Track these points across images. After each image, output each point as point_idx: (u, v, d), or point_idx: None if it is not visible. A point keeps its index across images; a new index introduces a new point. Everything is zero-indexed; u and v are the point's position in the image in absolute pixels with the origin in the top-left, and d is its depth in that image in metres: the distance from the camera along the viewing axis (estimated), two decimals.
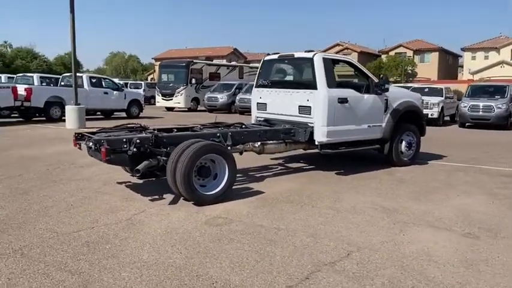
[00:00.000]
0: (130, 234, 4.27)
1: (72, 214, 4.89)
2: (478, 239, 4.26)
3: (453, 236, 4.33)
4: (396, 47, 56.19)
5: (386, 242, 4.14)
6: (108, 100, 18.10)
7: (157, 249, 3.89)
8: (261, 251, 3.89)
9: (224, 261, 3.65)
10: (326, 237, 4.24)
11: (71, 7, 13.23)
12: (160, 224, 4.59)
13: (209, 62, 30.21)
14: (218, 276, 3.35)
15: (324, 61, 6.65)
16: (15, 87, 14.96)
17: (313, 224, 4.63)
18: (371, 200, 5.60)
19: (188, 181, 5.10)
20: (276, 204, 5.34)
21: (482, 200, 5.70)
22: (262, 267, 3.53)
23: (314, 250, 3.92)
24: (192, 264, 3.58)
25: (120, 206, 5.23)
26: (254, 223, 4.64)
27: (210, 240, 4.14)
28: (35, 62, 61.03)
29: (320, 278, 3.36)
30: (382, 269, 3.53)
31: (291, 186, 6.32)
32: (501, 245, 4.10)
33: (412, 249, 3.96)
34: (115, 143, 5.28)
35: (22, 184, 6.25)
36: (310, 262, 3.64)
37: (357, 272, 3.47)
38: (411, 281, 3.32)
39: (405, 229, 4.52)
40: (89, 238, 4.15)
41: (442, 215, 5.02)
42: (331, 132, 6.64)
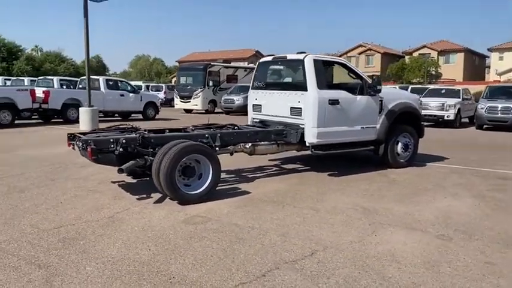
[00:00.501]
0: (107, 231, 4.41)
1: (59, 211, 5.08)
2: (450, 240, 4.24)
3: (425, 238, 4.31)
4: (420, 48, 55.35)
5: (354, 242, 4.16)
6: (124, 102, 18.51)
7: (128, 246, 4.02)
8: (228, 249, 3.97)
9: (188, 258, 3.75)
10: (296, 237, 4.29)
11: (85, 12, 13.63)
12: (139, 221, 4.73)
13: (226, 65, 30.45)
14: (177, 272, 3.45)
15: (315, 63, 6.68)
16: (33, 90, 15.48)
17: (288, 224, 4.68)
18: (354, 201, 5.60)
19: (171, 180, 5.23)
20: (258, 204, 5.41)
21: (468, 202, 5.63)
22: (223, 264, 3.61)
23: (280, 249, 3.97)
24: (156, 260, 3.70)
25: (107, 204, 5.40)
26: (230, 222, 4.73)
27: (182, 238, 4.25)
28: (63, 66, 62.71)
29: (276, 275, 3.42)
30: (341, 268, 3.56)
31: (280, 186, 6.38)
32: (471, 247, 4.07)
33: (378, 250, 3.97)
34: (102, 143, 5.46)
35: (21, 182, 6.50)
36: (272, 260, 3.70)
37: (315, 270, 3.51)
38: (366, 280, 3.35)
39: (379, 230, 4.53)
40: (67, 234, 4.32)
41: (421, 216, 4.99)
42: (321, 133, 6.67)
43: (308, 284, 3.27)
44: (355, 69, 7.33)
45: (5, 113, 14.56)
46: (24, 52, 60.24)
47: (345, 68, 7.31)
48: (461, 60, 52.94)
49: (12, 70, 53.45)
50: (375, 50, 58.59)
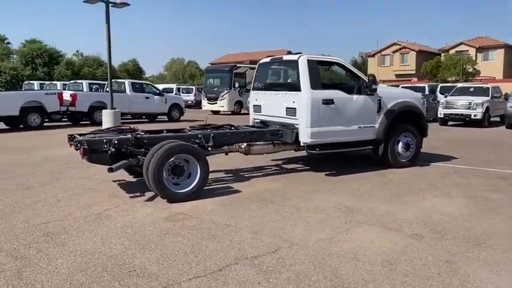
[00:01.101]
0: (90, 227, 4.65)
1: (53, 208, 5.37)
2: (421, 240, 4.22)
3: (396, 237, 4.31)
4: (457, 45, 53.66)
5: (323, 240, 4.22)
6: (149, 104, 19.03)
7: (104, 241, 4.23)
8: (197, 245, 4.12)
9: (156, 253, 3.92)
10: (267, 234, 4.39)
11: (107, 18, 14.12)
12: (123, 218, 4.95)
13: (252, 66, 30.61)
14: (140, 266, 3.63)
15: (309, 63, 6.73)
16: (60, 94, 16.20)
17: (265, 222, 4.78)
18: (340, 200, 5.63)
19: (158, 179, 5.44)
20: (243, 203, 5.53)
21: (458, 202, 5.55)
22: (185, 259, 3.76)
23: (247, 245, 4.08)
24: (125, 254, 3.89)
25: (100, 201, 5.67)
26: (209, 220, 4.87)
27: (157, 234, 4.43)
28: (101, 70, 64.75)
29: (232, 270, 3.54)
30: (298, 264, 3.64)
31: (273, 186, 6.47)
32: (439, 246, 4.05)
33: (343, 248, 4.01)
34: (96, 144, 5.74)
35: (30, 181, 6.89)
36: (234, 256, 3.82)
37: (271, 266, 3.61)
38: (317, 276, 3.41)
39: (353, 228, 4.56)
40: (53, 229, 4.58)
41: (402, 216, 4.97)
42: (315, 133, 6.71)
43: (259, 279, 3.37)
44: (352, 69, 7.32)
45: (34, 115, 15.30)
46: (64, 57, 62.64)
47: (342, 67, 7.32)
48: (501, 56, 50.89)
49: (53, 75, 55.68)
50: (410, 48, 57.26)
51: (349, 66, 7.32)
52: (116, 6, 14.51)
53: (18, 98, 15.22)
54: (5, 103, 14.64)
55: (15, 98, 15.38)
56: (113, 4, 14.39)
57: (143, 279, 3.38)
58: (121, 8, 14.79)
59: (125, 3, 14.62)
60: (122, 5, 14.60)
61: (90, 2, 13.90)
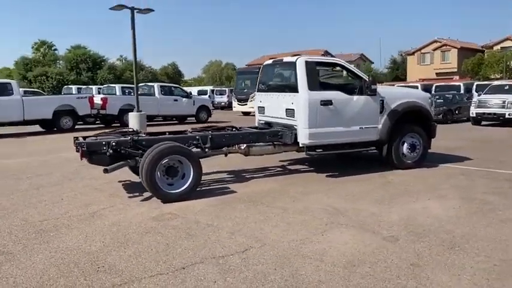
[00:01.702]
0: (80, 225, 4.89)
1: (54, 207, 5.68)
2: (395, 242, 4.18)
3: (371, 238, 4.28)
4: (502, 41, 51.43)
5: (296, 241, 4.26)
6: (177, 107, 19.50)
7: (87, 238, 4.45)
8: (172, 243, 4.26)
9: (130, 250, 4.10)
10: (244, 234, 4.47)
11: (132, 24, 14.61)
12: (114, 217, 5.17)
13: None
14: (111, 262, 3.81)
15: (307, 64, 6.75)
16: (91, 97, 16.90)
17: (247, 222, 4.86)
18: (331, 202, 5.62)
19: (151, 180, 5.64)
20: (233, 204, 5.63)
21: (450, 204, 5.41)
22: (154, 257, 3.91)
23: (219, 245, 4.19)
24: (101, 251, 4.08)
25: (100, 201, 5.93)
26: (193, 220, 5.01)
27: (139, 232, 4.61)
28: (141, 73, 66.71)
29: (195, 269, 3.65)
30: (261, 264, 3.70)
31: (269, 186, 6.54)
32: (410, 248, 3.99)
33: (313, 249, 4.04)
34: (95, 146, 6.01)
35: (43, 181, 7.28)
36: (203, 255, 3.93)
37: (234, 265, 3.69)
38: (275, 276, 3.47)
39: (331, 230, 4.56)
40: (46, 227, 4.86)
41: (386, 218, 4.92)
42: (313, 134, 6.72)
43: (217, 278, 3.46)
44: (353, 69, 7.27)
45: (66, 118, 16.03)
46: (107, 62, 64.96)
47: (342, 68, 7.28)
48: None
49: (96, 79, 57.86)
50: (451, 45, 55.42)
51: (349, 67, 7.27)
52: (141, 12, 14.97)
53: (51, 102, 16.02)
54: (38, 107, 15.44)
55: (48, 102, 16.19)
56: (138, 10, 14.84)
57: (108, 275, 3.55)
58: (146, 14, 15.22)
59: (150, 9, 15.07)
60: (147, 10, 15.07)
61: (116, 9, 14.39)
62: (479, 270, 3.48)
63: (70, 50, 65.40)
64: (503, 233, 4.34)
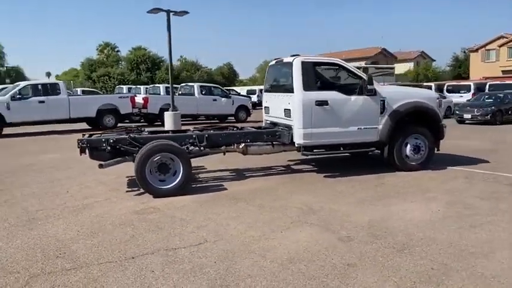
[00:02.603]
0: (68, 216, 5.30)
1: (57, 198, 6.16)
2: (347, 242, 4.19)
3: (326, 238, 4.32)
4: None
5: (251, 237, 4.39)
6: (216, 106, 19.98)
7: (66, 228, 4.83)
8: (137, 235, 4.54)
9: (97, 239, 4.42)
10: (207, 229, 4.66)
11: (168, 26, 15.20)
12: (102, 209, 5.54)
13: None
14: (73, 250, 4.14)
15: (303, 65, 6.80)
16: (133, 97, 17.76)
17: (218, 218, 5.04)
18: (311, 201, 5.66)
19: (141, 176, 5.97)
20: (217, 201, 5.82)
21: (431, 208, 5.27)
22: (115, 247, 4.20)
23: (178, 238, 4.41)
24: (71, 239, 4.44)
25: (99, 194, 6.36)
26: (170, 214, 5.26)
27: (115, 224, 4.93)
28: (197, 73, 68.54)
29: (143, 259, 3.89)
30: (204, 257, 3.88)
31: (262, 185, 6.67)
32: (358, 249, 4.00)
33: (263, 245, 4.16)
34: (95, 143, 6.45)
35: (61, 175, 7.86)
36: (158, 247, 4.17)
37: (180, 257, 3.90)
38: (210, 268, 3.64)
39: (293, 228, 4.64)
40: (38, 216, 5.30)
41: (357, 219, 4.91)
42: (308, 134, 6.76)
43: (157, 268, 3.68)
44: (352, 69, 7.19)
45: (109, 117, 16.96)
46: (165, 62, 67.39)
47: (341, 68, 7.23)
48: None
49: (155, 79, 60.22)
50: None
51: (348, 67, 7.20)
52: (177, 14, 15.53)
53: (94, 102, 17.02)
54: (83, 106, 16.47)
55: (92, 101, 17.21)
56: (174, 13, 15.41)
57: (63, 260, 3.88)
58: (182, 16, 15.76)
59: (185, 12, 15.58)
60: (182, 13, 15.59)
61: (153, 12, 15.03)
62: (411, 273, 3.44)
63: (131, 52, 68.39)
64: (465, 238, 4.21)
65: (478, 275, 3.39)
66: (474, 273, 3.41)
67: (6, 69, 59.06)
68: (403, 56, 70.10)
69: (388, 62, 69.30)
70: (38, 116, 15.46)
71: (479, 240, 4.14)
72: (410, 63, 67.34)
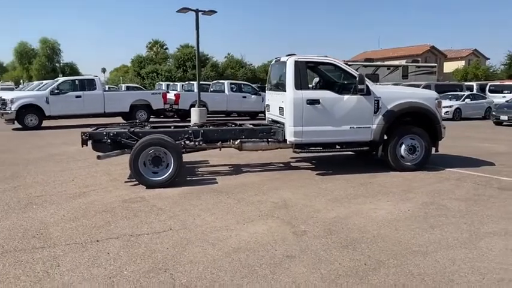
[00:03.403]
0: (63, 202, 5.77)
1: (60, 186, 6.68)
2: (299, 236, 4.36)
3: (283, 231, 4.50)
4: None
5: (213, 227, 4.64)
6: (246, 103, 20.36)
7: (54, 212, 5.25)
8: (112, 221, 4.91)
9: (76, 223, 4.83)
10: (177, 219, 4.95)
11: (196, 25, 15.69)
12: (94, 197, 5.98)
13: (365, 64, 29.84)
14: (50, 231, 4.56)
15: (296, 64, 6.96)
16: (164, 93, 18.46)
17: (193, 209, 5.33)
18: (289, 197, 5.84)
19: (135, 168, 6.38)
20: (202, 193, 6.11)
21: (403, 207, 5.31)
22: (87, 230, 4.59)
23: (147, 225, 4.73)
24: (54, 222, 4.87)
25: (99, 183, 6.83)
26: (152, 204, 5.61)
27: (98, 211, 5.33)
28: (241, 71, 69.38)
29: (106, 242, 4.25)
30: (160, 244, 4.19)
31: (251, 180, 6.90)
32: (304, 243, 4.16)
33: (219, 235, 4.40)
34: (97, 135, 6.94)
35: (75, 165, 8.45)
36: (125, 232, 4.51)
37: (139, 243, 4.22)
38: (160, 253, 3.94)
39: (257, 221, 4.85)
40: (36, 201, 5.80)
41: (322, 215, 5.05)
42: (298, 132, 6.92)
43: (114, 250, 4.02)
44: (347, 68, 7.26)
45: (142, 112, 17.73)
46: (210, 60, 68.70)
47: (335, 67, 7.32)
48: None
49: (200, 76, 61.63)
50: None
51: (343, 67, 7.27)
52: (206, 14, 15.99)
53: (128, 97, 17.86)
54: (117, 101, 17.31)
55: (126, 97, 18.07)
56: (203, 12, 15.88)
57: (37, 240, 4.31)
58: (210, 16, 16.20)
59: (213, 11, 16.01)
60: (210, 12, 16.03)
61: (182, 12, 15.56)
62: (342, 267, 3.58)
63: (179, 49, 70.11)
64: (417, 238, 4.27)
65: (405, 272, 3.48)
66: (402, 271, 3.51)
67: (61, 65, 62.26)
68: (454, 55, 67.65)
69: (437, 60, 67.09)
70: (75, 110, 16.41)
71: (429, 240, 4.19)
72: (461, 62, 64.87)
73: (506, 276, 3.36)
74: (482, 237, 4.24)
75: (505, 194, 5.85)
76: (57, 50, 63.09)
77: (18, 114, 15.63)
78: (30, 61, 60.61)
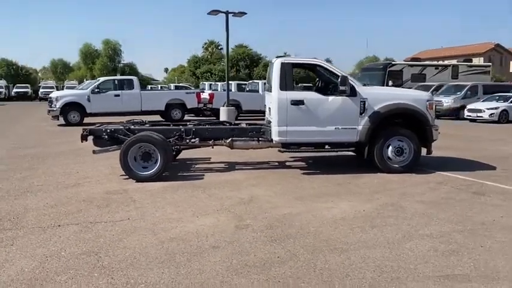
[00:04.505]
0: (55, 191, 6.37)
1: (62, 177, 7.33)
2: (239, 229, 4.60)
3: (225, 224, 4.77)
4: None
5: (167, 219, 4.99)
6: None
7: (39, 201, 5.79)
8: (85, 209, 5.39)
9: (52, 209, 5.36)
10: (141, 210, 5.35)
11: (226, 27, 16.16)
12: (84, 188, 6.53)
13: (412, 63, 28.93)
14: (28, 216, 5.10)
15: (282, 66, 7.16)
16: (199, 93, 19.11)
17: (163, 202, 5.71)
18: (258, 194, 6.07)
19: (124, 162, 6.89)
20: (182, 188, 6.47)
21: (359, 208, 5.37)
22: (58, 216, 5.09)
23: (111, 214, 5.16)
24: (36, 208, 5.42)
25: (97, 176, 7.41)
26: (130, 196, 6.06)
27: (79, 200, 5.85)
28: (295, 70, 69.58)
29: (66, 227, 4.72)
30: (109, 231, 4.59)
31: (235, 177, 7.20)
32: (237, 236, 4.39)
33: (167, 225, 4.74)
34: (97, 132, 7.53)
35: (88, 159, 9.09)
36: (88, 220, 4.96)
37: (91, 229, 4.66)
38: (104, 238, 4.35)
39: (211, 214, 5.15)
40: (33, 189, 6.43)
41: (275, 211, 5.24)
42: (282, 132, 7.11)
43: (68, 235, 4.47)
44: (333, 70, 7.32)
45: (177, 110, 18.51)
46: (263, 59, 69.38)
47: (322, 69, 7.42)
48: None
49: (253, 75, 62.42)
50: None
51: (330, 68, 7.35)
52: (236, 15, 16.41)
53: (164, 96, 18.70)
54: (153, 100, 18.19)
55: (162, 96, 18.93)
56: (233, 14, 16.31)
57: (10, 223, 4.87)
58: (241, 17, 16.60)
59: (243, 12, 16.39)
60: (240, 14, 16.44)
61: (212, 14, 16.08)
62: (254, 259, 3.79)
63: (233, 49, 71.37)
64: (349, 236, 4.37)
65: (310, 266, 3.64)
66: (308, 265, 3.66)
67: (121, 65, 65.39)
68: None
69: (502, 59, 63.46)
70: (114, 108, 17.41)
71: (359, 239, 4.28)
72: None
73: (403, 275, 3.43)
74: (413, 239, 4.27)
75: (475, 199, 5.72)
76: (118, 50, 66.38)
77: (62, 111, 16.87)
78: (94, 61, 64.22)
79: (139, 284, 3.35)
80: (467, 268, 3.56)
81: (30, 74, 66.70)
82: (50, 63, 74.09)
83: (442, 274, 3.45)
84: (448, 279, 3.35)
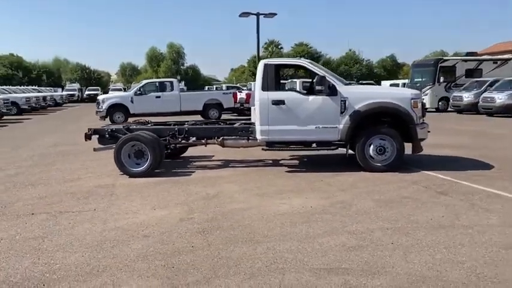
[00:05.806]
0: (53, 184, 7.12)
1: (68, 170, 8.14)
2: (182, 221, 4.96)
3: (175, 216, 5.15)
4: None
5: (129, 211, 5.48)
6: None
7: (35, 192, 6.54)
8: (65, 200, 6.04)
9: (41, 200, 6.06)
10: (110, 203, 5.88)
11: (257, 28, 16.56)
12: (80, 183, 7.20)
13: (466, 58, 27.44)
14: (16, 204, 5.86)
15: (265, 67, 7.43)
16: (235, 93, 19.69)
17: (135, 196, 6.19)
18: (229, 190, 6.39)
19: (117, 159, 7.52)
20: (166, 183, 6.93)
21: (309, 203, 5.51)
22: (40, 206, 5.75)
23: (83, 206, 5.74)
24: (27, 198, 6.14)
25: (99, 171, 8.11)
26: (113, 190, 6.64)
27: (68, 193, 6.50)
28: (356, 67, 68.25)
29: (37, 216, 5.37)
30: (68, 220, 5.15)
31: (221, 174, 7.58)
32: (176, 227, 4.77)
33: (124, 216, 5.24)
34: (100, 131, 8.25)
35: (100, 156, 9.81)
36: (60, 210, 5.59)
37: (59, 217, 5.26)
38: (59, 226, 4.93)
39: (169, 207, 5.55)
40: (37, 182, 7.25)
41: (231, 206, 5.54)
42: (264, 131, 7.39)
43: (34, 222, 5.09)
44: (314, 70, 7.45)
45: (214, 110, 19.24)
46: (322, 57, 68.85)
47: (305, 70, 7.57)
48: None
49: None
50: None
51: (312, 69, 7.48)
52: (267, 16, 16.75)
53: (201, 97, 19.50)
54: (192, 101, 19.03)
55: (200, 96, 19.73)
56: (264, 15, 16.67)
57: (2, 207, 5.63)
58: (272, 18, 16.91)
59: (273, 13, 16.69)
60: (271, 15, 16.76)
61: (243, 16, 16.55)
62: (170, 247, 4.16)
63: (293, 48, 71.45)
64: (275, 230, 4.57)
65: (215, 255, 3.93)
66: (215, 254, 3.94)
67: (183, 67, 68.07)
68: None
69: None
70: (155, 109, 18.45)
71: (280, 233, 4.48)
72: None
73: (288, 267, 3.62)
74: (333, 234, 4.38)
75: (432, 199, 5.63)
76: (182, 53, 69.30)
77: (108, 112, 18.16)
78: (159, 64, 67.59)
79: (56, 264, 3.84)
80: (356, 263, 3.67)
81: (102, 77, 71.40)
82: (119, 66, 78.82)
83: (326, 267, 3.59)
84: (327, 272, 3.50)
